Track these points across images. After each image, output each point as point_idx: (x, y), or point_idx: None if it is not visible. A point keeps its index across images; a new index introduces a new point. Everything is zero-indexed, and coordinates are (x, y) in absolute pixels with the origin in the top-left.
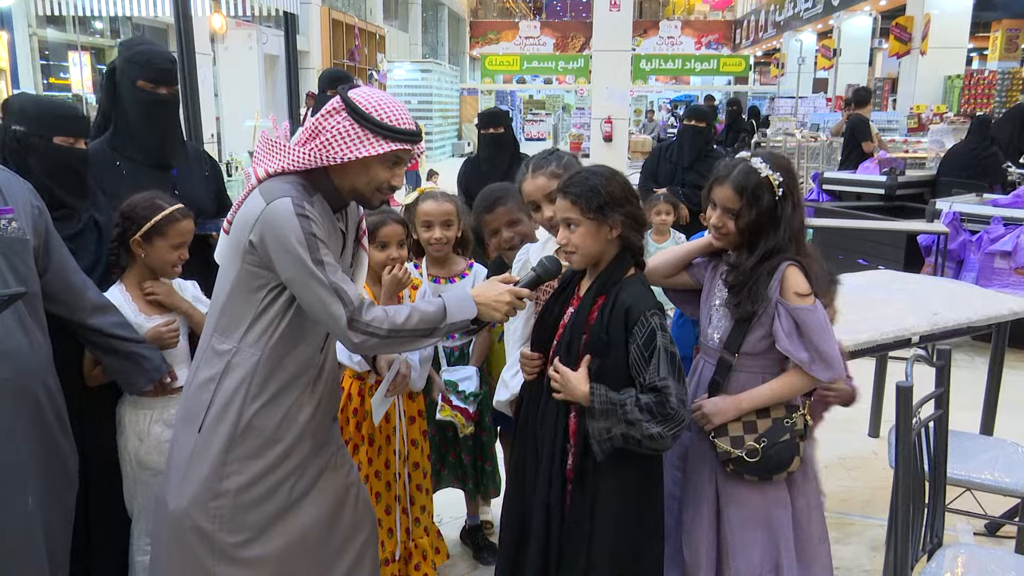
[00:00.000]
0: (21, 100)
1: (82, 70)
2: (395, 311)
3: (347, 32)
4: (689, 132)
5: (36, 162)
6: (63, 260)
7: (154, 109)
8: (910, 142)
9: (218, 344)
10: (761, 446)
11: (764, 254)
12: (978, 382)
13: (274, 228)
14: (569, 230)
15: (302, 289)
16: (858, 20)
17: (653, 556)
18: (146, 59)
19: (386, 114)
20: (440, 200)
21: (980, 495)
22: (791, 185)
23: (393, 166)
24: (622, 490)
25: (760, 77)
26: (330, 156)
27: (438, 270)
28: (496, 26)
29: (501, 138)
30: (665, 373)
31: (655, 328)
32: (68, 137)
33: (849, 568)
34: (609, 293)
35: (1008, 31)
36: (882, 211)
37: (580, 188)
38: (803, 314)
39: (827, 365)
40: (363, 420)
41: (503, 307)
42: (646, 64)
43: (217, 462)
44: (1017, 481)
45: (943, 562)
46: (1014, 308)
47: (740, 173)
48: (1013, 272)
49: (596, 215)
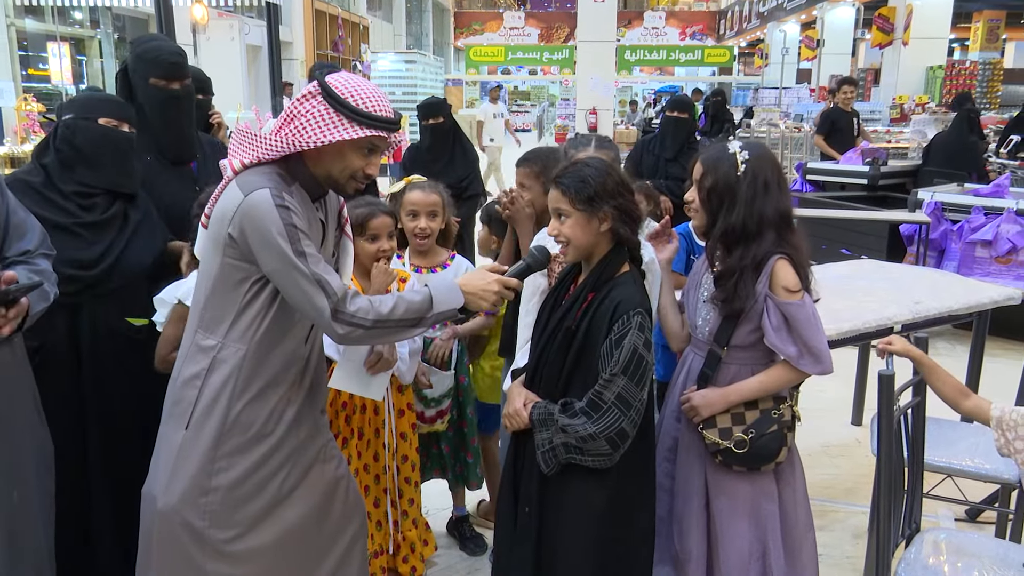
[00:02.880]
0: (71, 96)
1: (61, 61)
2: (380, 301)
3: (330, 23)
4: (671, 123)
5: (83, 142)
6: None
7: (170, 105)
8: (892, 132)
9: (202, 340)
10: (749, 437)
11: (727, 231)
12: (959, 370)
13: (254, 220)
14: (560, 221)
15: (285, 281)
16: (841, 11)
17: (641, 559)
18: (155, 55)
19: (363, 100)
20: (427, 190)
21: (961, 482)
22: (760, 169)
23: (369, 154)
24: (598, 498)
25: (744, 68)
26: (304, 140)
27: (420, 259)
28: (481, 16)
29: (441, 127)
30: (619, 370)
31: (632, 328)
32: (112, 119)
33: (832, 555)
34: (599, 291)
35: (989, 22)
36: (865, 201)
37: (571, 179)
38: (792, 309)
39: (816, 359)
40: (352, 413)
41: (491, 296)
42: (631, 55)
43: (206, 459)
44: (997, 467)
45: (922, 547)
46: (994, 296)
47: (712, 149)
48: (993, 261)
49: (586, 206)
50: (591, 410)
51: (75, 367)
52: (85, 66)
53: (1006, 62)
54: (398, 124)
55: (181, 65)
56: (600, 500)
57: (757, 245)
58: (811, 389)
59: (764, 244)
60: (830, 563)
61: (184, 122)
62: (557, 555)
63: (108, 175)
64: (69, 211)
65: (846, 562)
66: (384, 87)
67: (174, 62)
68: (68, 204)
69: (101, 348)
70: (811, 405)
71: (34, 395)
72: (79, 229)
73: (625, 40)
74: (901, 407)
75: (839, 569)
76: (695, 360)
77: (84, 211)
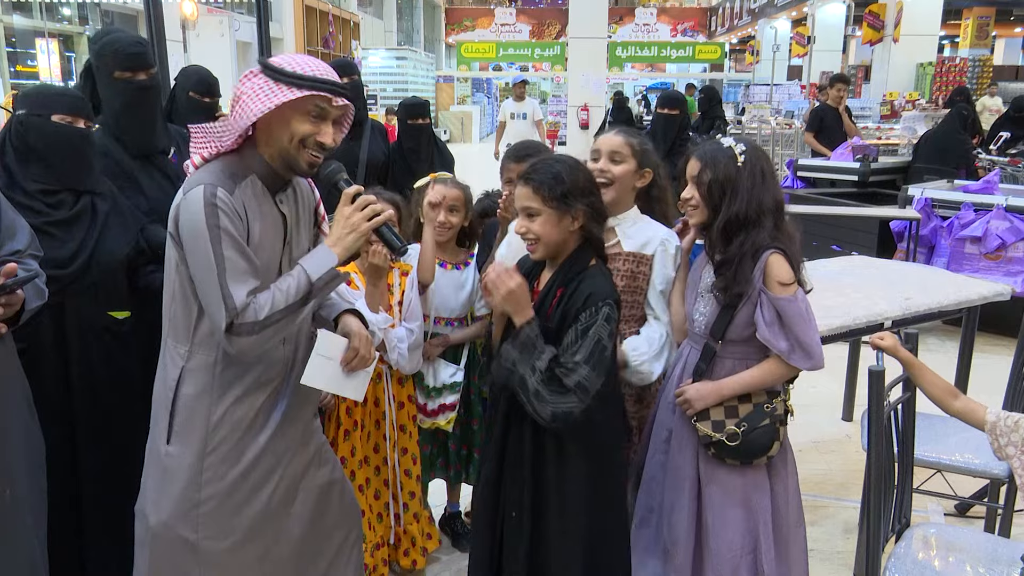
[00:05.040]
0: (25, 89)
1: (50, 57)
2: (260, 304)
3: (321, 19)
4: (662, 120)
5: (36, 140)
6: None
7: (137, 97)
8: (883, 129)
9: (173, 348)
10: (741, 431)
11: (729, 221)
12: (949, 366)
13: (185, 219)
14: (530, 219)
15: (200, 286)
16: (832, 7)
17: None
18: (115, 47)
19: (300, 66)
20: (450, 186)
21: (951, 476)
22: (757, 159)
23: (317, 120)
24: (577, 488)
25: (735, 64)
26: (248, 114)
27: (444, 255)
28: (471, 13)
29: (426, 129)
30: (581, 359)
31: (599, 319)
32: (66, 115)
33: (823, 550)
34: (568, 286)
35: (979, 18)
36: (855, 198)
37: (543, 175)
38: (784, 304)
39: (807, 354)
40: (353, 405)
41: (354, 225)
42: (622, 51)
43: (193, 471)
44: (986, 463)
45: (912, 541)
46: (984, 292)
47: (705, 146)
48: (983, 257)
49: (558, 204)
50: (551, 381)
51: (62, 366)
52: (74, 63)
53: (996, 59)
54: (340, 86)
55: (143, 55)
56: (587, 492)
57: (756, 232)
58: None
59: (763, 232)
60: (821, 558)
61: (153, 113)
62: (551, 553)
63: (64, 173)
64: (37, 210)
65: (836, 557)
66: (375, 84)
67: (135, 52)
68: (34, 203)
69: (87, 345)
70: (802, 401)
71: (26, 393)
72: (50, 228)
73: (616, 36)
74: (891, 403)
75: (830, 564)
76: (692, 354)
77: (52, 208)
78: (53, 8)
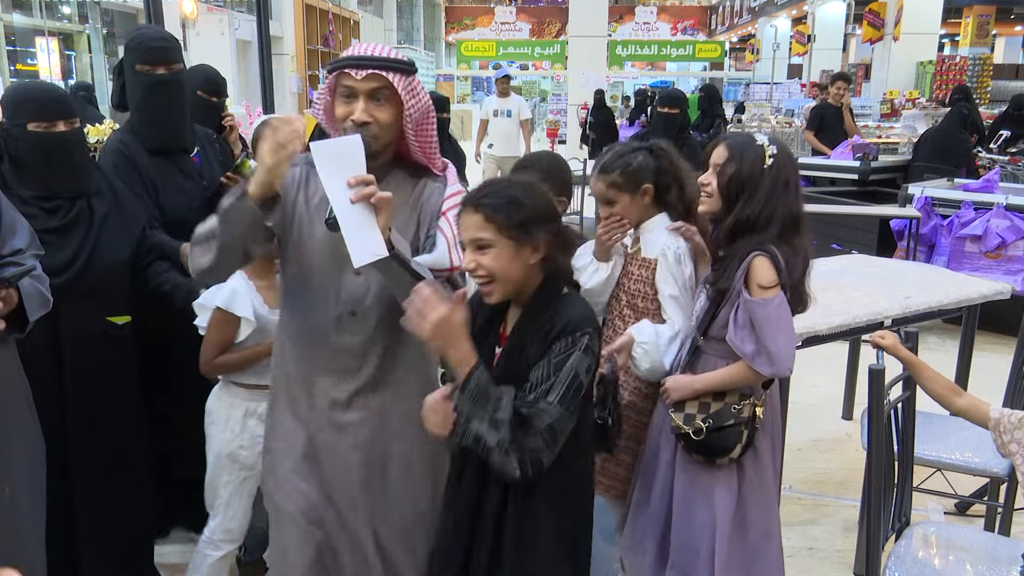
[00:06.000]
0: (6, 90)
1: (50, 56)
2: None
3: (321, 17)
4: (662, 119)
5: (17, 150)
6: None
7: (156, 91)
8: (883, 128)
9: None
10: (706, 427)
11: (739, 221)
12: (949, 364)
13: None
14: (480, 252)
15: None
16: (832, 6)
17: None
18: (139, 41)
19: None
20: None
21: (951, 475)
22: (784, 167)
23: (350, 100)
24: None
25: (735, 63)
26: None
27: None
28: (471, 11)
29: (445, 124)
30: (555, 399)
31: (576, 350)
32: (41, 122)
33: (822, 548)
34: (543, 325)
35: (979, 17)
36: (855, 196)
37: (496, 200)
38: (755, 306)
39: (769, 360)
40: None
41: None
42: (622, 50)
43: None
44: (986, 461)
45: (912, 540)
46: (984, 291)
47: (738, 136)
48: (983, 256)
49: (517, 233)
50: (519, 426)
51: (56, 370)
52: (74, 61)
53: (996, 57)
54: (353, 59)
55: (166, 49)
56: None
57: (760, 238)
58: (802, 383)
59: (766, 238)
60: (820, 557)
61: (173, 109)
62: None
63: (50, 182)
64: (33, 216)
65: (836, 556)
66: None
67: (156, 46)
68: (31, 209)
69: (82, 350)
70: (802, 399)
71: (25, 392)
72: (45, 236)
73: (616, 35)
74: (891, 401)
75: (829, 563)
76: (687, 346)
77: (48, 215)
78: (53, 6)
